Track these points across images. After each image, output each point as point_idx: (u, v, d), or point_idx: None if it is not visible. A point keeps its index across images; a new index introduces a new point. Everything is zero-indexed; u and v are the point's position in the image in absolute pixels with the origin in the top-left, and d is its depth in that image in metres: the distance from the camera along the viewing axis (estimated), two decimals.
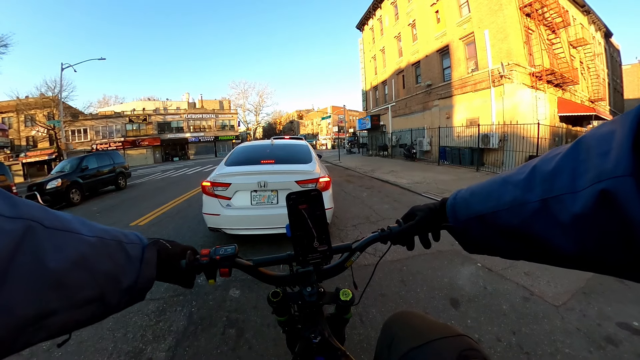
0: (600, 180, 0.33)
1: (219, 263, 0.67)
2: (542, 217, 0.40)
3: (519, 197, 0.44)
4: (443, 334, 0.61)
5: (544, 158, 0.44)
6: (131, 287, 0.48)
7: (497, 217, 0.48)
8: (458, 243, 0.61)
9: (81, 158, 10.77)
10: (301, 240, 0.71)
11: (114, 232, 0.50)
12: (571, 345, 1.96)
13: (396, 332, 0.68)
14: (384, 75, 24.42)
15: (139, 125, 39.66)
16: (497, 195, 0.49)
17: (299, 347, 0.67)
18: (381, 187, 8.88)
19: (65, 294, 0.37)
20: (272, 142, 4.99)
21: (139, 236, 0.55)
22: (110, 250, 0.46)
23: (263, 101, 59.41)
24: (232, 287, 2.94)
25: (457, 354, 0.55)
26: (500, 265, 3.19)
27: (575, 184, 0.36)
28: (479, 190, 0.55)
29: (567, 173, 0.38)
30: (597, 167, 0.34)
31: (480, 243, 0.56)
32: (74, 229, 0.42)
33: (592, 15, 20.76)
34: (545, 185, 0.40)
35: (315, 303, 0.69)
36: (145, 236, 0.58)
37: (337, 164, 17.74)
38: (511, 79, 12.64)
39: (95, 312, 0.43)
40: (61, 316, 0.37)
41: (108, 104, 54.32)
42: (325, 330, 0.67)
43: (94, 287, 0.41)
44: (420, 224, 0.69)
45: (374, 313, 2.43)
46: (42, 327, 0.36)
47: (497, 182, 0.51)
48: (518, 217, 0.44)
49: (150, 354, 2.07)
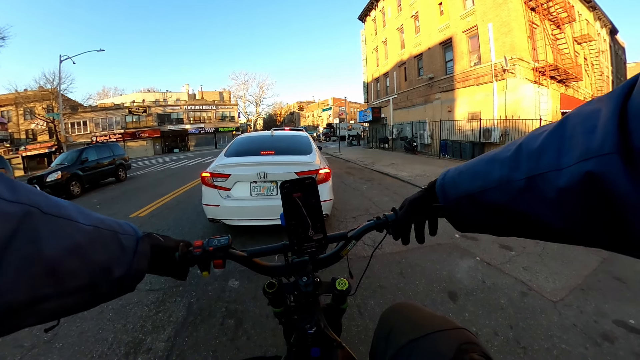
0: (586, 159, 0.32)
1: (212, 254, 0.66)
2: (528, 194, 0.41)
3: (505, 175, 0.44)
4: (441, 327, 0.61)
5: (530, 136, 0.44)
6: (122, 278, 0.48)
7: (486, 195, 0.48)
8: (449, 222, 0.61)
9: (81, 150, 10.71)
10: (296, 229, 0.70)
11: (110, 222, 0.49)
12: (567, 341, 1.97)
13: (394, 324, 0.68)
14: (385, 67, 24.19)
15: (139, 117, 39.38)
16: (484, 174, 0.49)
17: (294, 338, 0.66)
18: (381, 180, 8.87)
19: (58, 280, 0.37)
20: (272, 134, 4.96)
21: (134, 227, 0.55)
22: (105, 240, 0.46)
23: (263, 92, 59.01)
24: (231, 278, 2.96)
25: (456, 347, 0.55)
26: (499, 260, 3.20)
27: (561, 162, 0.36)
28: (467, 169, 0.55)
29: (553, 151, 0.38)
30: (582, 144, 0.34)
31: (470, 221, 0.56)
32: (71, 217, 0.42)
33: (598, 11, 20.46)
34: (530, 162, 0.41)
35: (311, 293, 0.68)
36: (142, 229, 0.57)
37: (337, 156, 17.69)
38: (514, 74, 12.52)
39: (86, 300, 0.43)
40: (52, 302, 0.37)
41: (107, 95, 53.83)
42: (321, 321, 0.66)
43: (87, 275, 0.41)
44: (413, 205, 0.69)
45: (372, 304, 2.44)
46: (33, 312, 0.36)
47: (484, 160, 0.51)
48: (505, 194, 0.44)
49: (149, 344, 2.09)
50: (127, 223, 0.54)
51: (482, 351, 0.55)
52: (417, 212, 0.69)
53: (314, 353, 0.62)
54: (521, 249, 3.44)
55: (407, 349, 0.58)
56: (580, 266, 3.00)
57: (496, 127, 12.79)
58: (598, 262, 3.07)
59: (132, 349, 2.05)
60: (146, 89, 53.80)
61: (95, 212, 0.48)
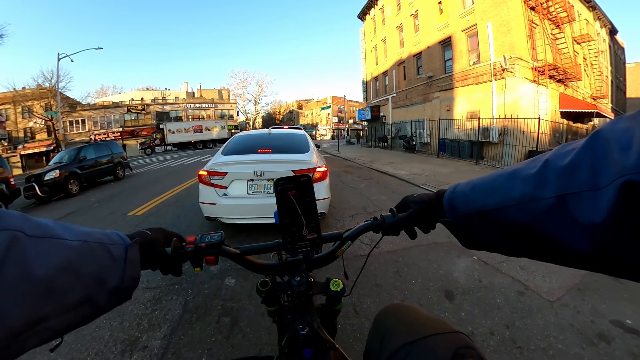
0: (623, 175, 0.30)
1: (205, 251, 0.66)
2: (556, 215, 0.38)
3: (529, 192, 0.42)
4: (438, 330, 0.60)
5: (557, 152, 0.41)
6: (117, 287, 0.48)
7: (503, 213, 0.46)
8: (455, 238, 0.59)
9: (79, 149, 10.66)
10: (290, 227, 0.69)
11: (97, 234, 0.49)
12: (564, 341, 1.97)
13: (389, 326, 0.66)
14: (384, 66, 24.17)
15: (138, 115, 39.23)
16: (503, 190, 0.47)
17: (287, 338, 0.65)
18: (379, 178, 8.87)
19: (55, 299, 0.38)
20: (269, 132, 4.95)
21: (121, 235, 0.55)
22: (94, 253, 0.46)
23: (262, 91, 58.71)
24: (227, 276, 2.94)
25: (453, 351, 0.53)
26: (496, 259, 3.19)
27: (597, 181, 0.33)
28: (482, 184, 0.53)
29: (586, 168, 0.35)
30: (618, 162, 0.32)
31: (480, 239, 0.54)
32: (56, 235, 0.42)
33: (597, 11, 20.44)
34: (560, 180, 0.38)
35: (305, 293, 0.68)
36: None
37: (336, 154, 17.69)
38: (513, 73, 12.51)
39: (85, 314, 0.44)
40: (52, 321, 0.38)
41: (106, 94, 53.49)
42: (315, 322, 0.65)
43: (82, 290, 0.42)
44: (413, 217, 0.67)
45: (368, 303, 2.43)
46: (35, 333, 0.36)
47: (503, 176, 0.49)
48: (528, 213, 0.42)
49: (145, 342, 2.09)
50: (114, 232, 0.54)
51: (479, 356, 0.54)
52: (418, 224, 0.68)
53: (306, 354, 0.61)
54: None
55: (402, 352, 0.57)
56: None
57: (495, 127, 12.80)
58: None
59: (128, 347, 2.04)
60: (145, 87, 53.64)
61: (95, 213, 0.48)
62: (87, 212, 6.49)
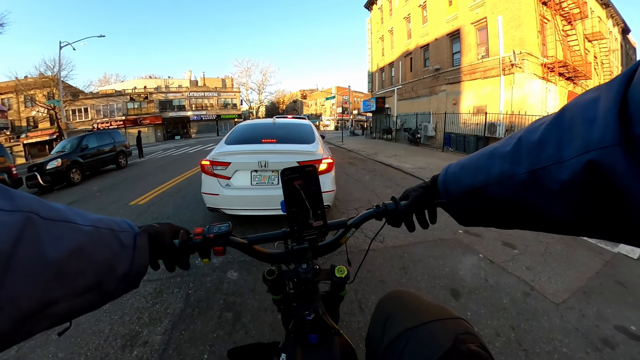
0: (587, 151, 0.32)
1: (213, 241, 0.67)
2: (531, 188, 0.41)
3: (507, 169, 0.45)
4: (439, 316, 0.61)
5: (529, 129, 0.44)
6: (126, 274, 0.49)
7: (488, 190, 0.49)
8: (452, 217, 0.62)
9: (81, 137, 10.66)
10: (296, 216, 0.70)
11: (107, 220, 0.50)
12: (569, 345, 1.94)
13: (391, 311, 0.68)
14: (391, 57, 23.77)
15: (140, 103, 39.06)
16: (485, 169, 0.50)
17: (293, 324, 0.67)
18: (384, 171, 8.81)
19: (65, 283, 0.38)
20: (274, 121, 4.83)
21: (130, 224, 0.55)
22: (105, 239, 0.46)
23: (266, 80, 58.28)
24: (229, 269, 2.90)
25: (454, 337, 0.55)
26: (502, 258, 3.15)
27: (562, 154, 0.36)
28: (469, 164, 0.56)
29: (553, 143, 0.38)
30: (582, 136, 0.33)
31: (474, 216, 0.57)
32: (70, 219, 0.42)
33: (610, 8, 19.87)
34: (531, 156, 0.41)
35: (311, 280, 0.70)
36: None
37: (340, 145, 17.59)
38: (522, 69, 12.27)
39: (94, 300, 0.44)
40: (62, 305, 0.38)
41: (109, 82, 53.17)
42: (320, 308, 0.68)
43: (92, 275, 0.42)
44: (415, 202, 0.70)
45: (373, 300, 2.40)
46: (45, 316, 0.36)
47: (485, 155, 0.52)
48: (508, 189, 0.45)
49: (146, 337, 2.07)
50: (123, 220, 0.54)
51: (479, 342, 0.55)
52: (419, 209, 0.71)
53: (312, 339, 0.63)
54: (524, 248, 3.39)
55: (404, 336, 0.59)
56: (582, 268, 2.95)
57: (501, 122, 12.61)
58: (600, 264, 3.02)
59: (129, 342, 2.02)
60: (148, 75, 53.18)
61: (97, 201, 0.45)
62: (89, 201, 6.49)
